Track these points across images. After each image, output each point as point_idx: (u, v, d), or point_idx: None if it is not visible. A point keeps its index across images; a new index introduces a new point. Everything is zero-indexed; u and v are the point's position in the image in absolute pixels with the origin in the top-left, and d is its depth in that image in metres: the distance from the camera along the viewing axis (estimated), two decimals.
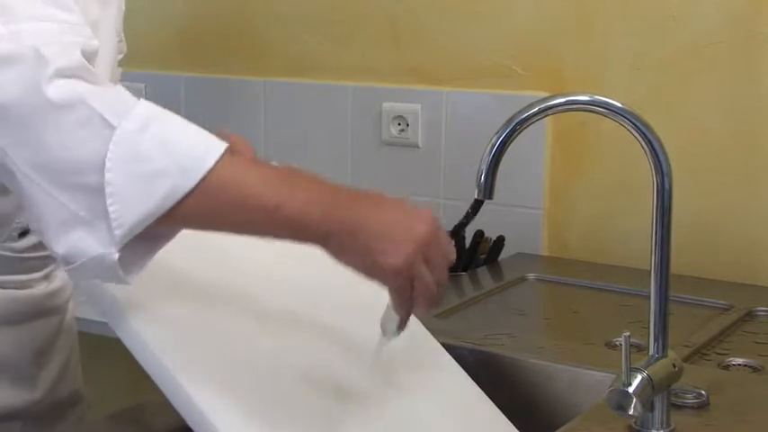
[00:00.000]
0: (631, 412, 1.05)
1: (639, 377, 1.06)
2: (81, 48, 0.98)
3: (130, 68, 1.44)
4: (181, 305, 1.06)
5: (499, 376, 1.37)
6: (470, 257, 1.85)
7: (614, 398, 1.06)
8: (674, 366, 1.12)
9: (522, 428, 1.26)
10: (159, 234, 0.97)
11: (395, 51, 2.07)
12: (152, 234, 0.96)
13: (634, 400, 1.05)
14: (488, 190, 1.12)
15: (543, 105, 1.12)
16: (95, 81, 0.97)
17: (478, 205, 1.83)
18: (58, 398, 1.35)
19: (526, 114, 1.11)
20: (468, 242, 1.85)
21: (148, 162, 0.93)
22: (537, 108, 1.12)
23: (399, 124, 2.06)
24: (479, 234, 1.85)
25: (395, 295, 1.02)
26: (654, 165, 1.10)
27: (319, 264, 1.01)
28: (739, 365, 1.37)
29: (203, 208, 0.95)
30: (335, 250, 0.99)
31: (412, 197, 1.95)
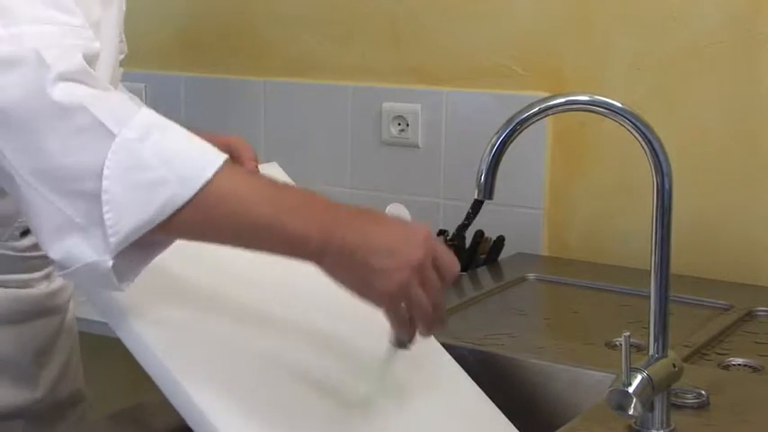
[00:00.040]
0: (631, 412, 1.05)
1: (639, 377, 1.06)
2: (83, 51, 0.98)
3: (130, 68, 1.44)
4: (181, 306, 1.06)
5: (499, 376, 1.37)
6: (470, 257, 1.85)
7: (614, 398, 1.06)
8: (674, 366, 1.12)
9: (522, 428, 1.26)
10: (155, 242, 0.97)
11: (395, 51, 2.07)
12: (147, 242, 0.96)
13: (634, 400, 1.05)
14: (488, 190, 1.12)
15: (543, 105, 1.12)
16: (97, 85, 0.97)
17: (479, 206, 1.83)
18: (59, 397, 1.35)
19: (526, 114, 1.11)
20: (468, 242, 1.86)
21: (147, 171, 0.93)
22: (537, 108, 1.12)
23: (399, 124, 2.06)
24: (479, 234, 1.85)
25: (390, 319, 1.03)
26: (654, 165, 1.10)
27: None
28: (739, 365, 1.37)
29: (200, 219, 0.95)
30: (330, 269, 0.98)
31: (412, 197, 2.00)
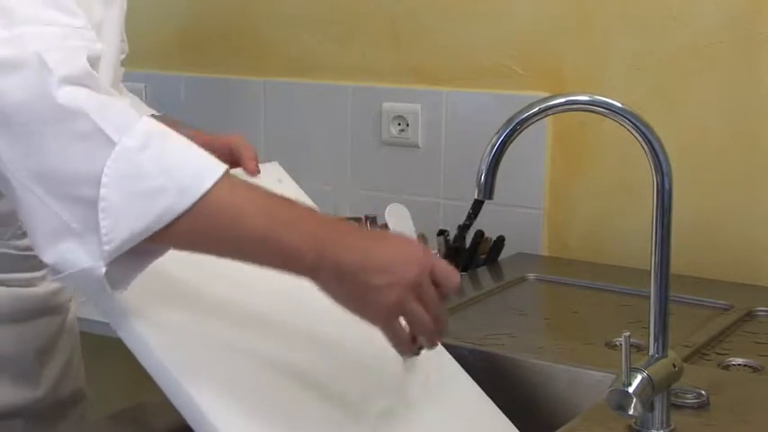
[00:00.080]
0: (631, 412, 1.05)
1: (639, 377, 1.06)
2: (87, 53, 0.98)
3: (130, 68, 1.44)
4: (183, 307, 1.06)
5: (499, 376, 1.37)
6: (470, 257, 1.85)
7: (614, 398, 1.06)
8: (674, 366, 1.12)
9: (523, 428, 1.26)
10: (149, 250, 0.97)
11: (395, 51, 2.07)
12: (142, 250, 0.96)
13: (634, 400, 1.05)
14: (488, 190, 1.12)
15: (543, 105, 1.12)
16: (100, 89, 0.97)
17: (479, 206, 1.83)
18: (61, 396, 1.35)
19: (526, 114, 1.11)
20: (468, 242, 1.86)
21: (146, 180, 0.93)
22: (537, 108, 1.12)
23: (399, 124, 2.06)
24: (479, 234, 1.86)
25: (387, 336, 1.03)
26: (654, 165, 1.10)
27: None
28: (739, 365, 1.37)
29: (196, 229, 0.95)
30: (325, 285, 0.99)
31: (412, 197, 2.00)
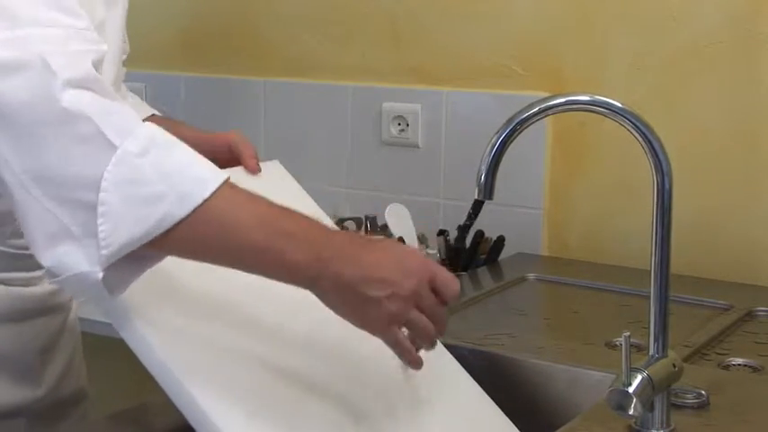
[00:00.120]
0: (631, 412, 1.06)
1: (639, 377, 1.06)
2: (93, 57, 0.98)
3: (131, 68, 1.44)
4: (185, 308, 1.06)
5: (499, 376, 1.37)
6: (470, 257, 1.85)
7: (614, 398, 1.06)
8: (674, 366, 1.12)
9: (523, 428, 1.26)
10: (148, 256, 0.97)
11: (395, 51, 2.07)
12: (140, 255, 0.96)
13: (634, 400, 1.05)
14: (488, 190, 1.12)
15: (543, 105, 1.12)
16: (104, 92, 0.97)
17: (479, 206, 1.83)
18: (62, 396, 1.35)
19: (526, 114, 1.11)
20: (468, 242, 1.86)
21: (146, 186, 0.93)
22: (537, 108, 1.12)
23: (399, 124, 2.06)
24: (479, 234, 1.86)
25: (389, 345, 1.03)
26: (654, 165, 1.10)
27: None
28: (739, 365, 1.37)
29: (196, 236, 0.95)
30: (324, 296, 0.99)
31: (412, 197, 2.00)
